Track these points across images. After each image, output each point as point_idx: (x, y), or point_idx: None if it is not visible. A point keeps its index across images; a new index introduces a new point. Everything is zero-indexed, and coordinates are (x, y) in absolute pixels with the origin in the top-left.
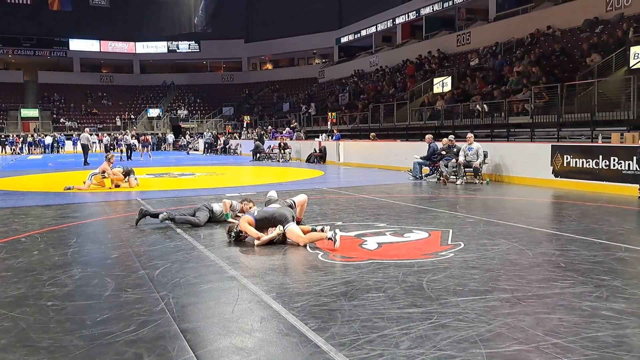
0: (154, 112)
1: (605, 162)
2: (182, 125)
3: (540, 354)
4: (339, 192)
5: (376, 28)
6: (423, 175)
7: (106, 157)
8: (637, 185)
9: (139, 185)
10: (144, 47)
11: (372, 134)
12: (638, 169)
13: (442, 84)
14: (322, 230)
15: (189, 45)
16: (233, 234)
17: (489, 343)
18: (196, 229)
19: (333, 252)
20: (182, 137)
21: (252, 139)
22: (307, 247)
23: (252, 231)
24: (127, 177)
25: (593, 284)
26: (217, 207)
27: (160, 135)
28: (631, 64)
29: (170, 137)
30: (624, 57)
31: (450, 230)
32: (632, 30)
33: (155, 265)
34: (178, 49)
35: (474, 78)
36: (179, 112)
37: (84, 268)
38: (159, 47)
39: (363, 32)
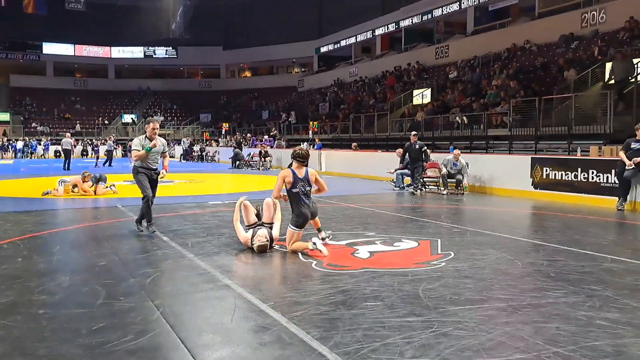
0: (128, 118)
1: (584, 175)
2: (158, 132)
3: None
4: (325, 201)
5: (356, 39)
6: (405, 185)
7: (83, 173)
8: (616, 198)
9: (116, 192)
10: (119, 52)
11: (354, 144)
12: (616, 182)
13: (422, 96)
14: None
15: (166, 51)
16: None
17: (491, 352)
18: (183, 236)
19: (327, 261)
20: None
21: (230, 146)
22: (300, 256)
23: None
24: (97, 184)
25: (585, 294)
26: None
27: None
28: (606, 79)
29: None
30: (599, 72)
31: (439, 240)
32: (607, 47)
33: (146, 274)
34: (155, 54)
35: (453, 90)
36: (155, 118)
37: (72, 276)
38: (135, 52)
39: (343, 43)
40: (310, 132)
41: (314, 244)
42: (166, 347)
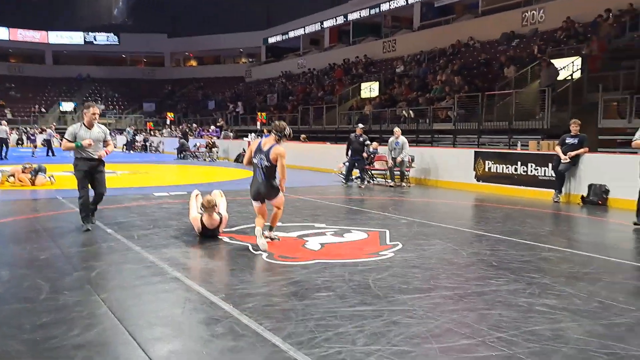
0: (67, 106)
1: (524, 168)
2: (99, 121)
3: (487, 347)
4: None
5: (304, 30)
6: (353, 177)
7: (24, 165)
8: (552, 190)
9: (54, 183)
10: (57, 37)
11: (302, 135)
12: (553, 174)
13: (370, 89)
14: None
15: (108, 37)
16: None
17: (439, 338)
18: (129, 229)
19: (278, 252)
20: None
21: (175, 136)
22: (251, 248)
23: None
24: (36, 176)
25: (525, 282)
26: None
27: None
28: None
29: None
30: (538, 70)
31: (387, 231)
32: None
33: (91, 267)
34: (95, 40)
35: (400, 84)
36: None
37: (12, 270)
38: (74, 37)
39: (291, 34)
40: (258, 123)
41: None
42: (115, 342)
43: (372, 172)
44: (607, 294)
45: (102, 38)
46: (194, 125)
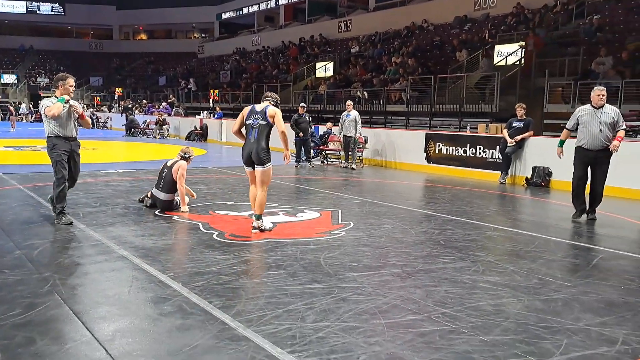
0: (9, 78)
1: (472, 151)
2: (43, 95)
3: (432, 322)
4: (225, 172)
5: (259, 7)
6: (305, 157)
7: None
8: (499, 172)
9: None
10: None
11: None
12: (499, 157)
13: (325, 69)
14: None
15: (52, 7)
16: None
17: (387, 314)
18: (74, 206)
19: (229, 231)
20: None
21: (124, 112)
22: (201, 227)
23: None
24: None
25: (470, 260)
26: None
27: (12, 104)
28: (495, 61)
29: (25, 107)
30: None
31: (340, 211)
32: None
33: (33, 245)
34: (39, 10)
35: (355, 65)
36: (38, 79)
37: None
38: (16, 6)
39: (245, 10)
40: (211, 100)
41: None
42: (58, 320)
43: (326, 152)
44: (546, 271)
45: (46, 8)
46: (144, 101)
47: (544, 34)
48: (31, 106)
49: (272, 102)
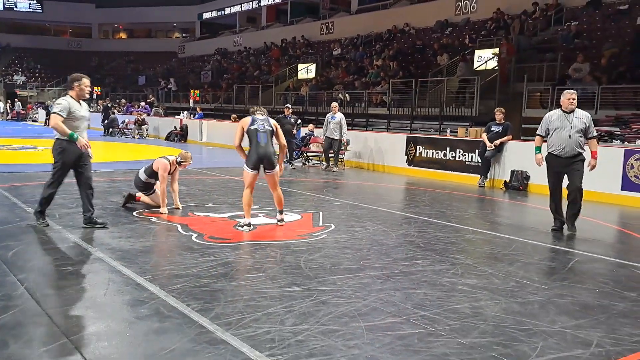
0: None
1: (452, 154)
2: (19, 93)
3: (411, 325)
4: (205, 173)
5: (241, 7)
6: (288, 159)
7: None
8: (478, 176)
9: None
10: None
11: (233, 115)
12: (479, 161)
13: (307, 71)
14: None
15: (30, 4)
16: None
17: (366, 317)
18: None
19: (208, 233)
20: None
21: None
22: (180, 229)
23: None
24: None
25: (449, 262)
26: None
27: None
28: (475, 66)
29: (1, 106)
30: (468, 58)
31: (321, 213)
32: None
33: (8, 247)
34: (16, 7)
35: (337, 67)
36: (15, 77)
37: None
38: None
39: (227, 10)
40: (191, 100)
41: (241, 226)
42: (32, 323)
43: (308, 154)
44: (523, 274)
45: (24, 5)
46: (122, 100)
47: (519, 40)
48: (8, 105)
49: (266, 114)
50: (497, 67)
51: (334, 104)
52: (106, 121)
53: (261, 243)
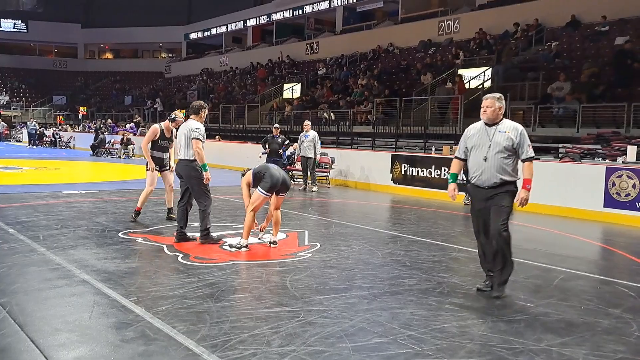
0: None
1: (437, 172)
2: (3, 113)
3: (398, 345)
4: None
5: (227, 28)
6: None
7: None
8: (463, 194)
9: None
10: None
11: (217, 136)
12: (464, 179)
13: (292, 90)
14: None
15: (14, 24)
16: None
17: (353, 337)
18: (33, 229)
19: (193, 254)
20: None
21: (89, 131)
22: (166, 249)
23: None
24: None
25: (435, 281)
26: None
27: None
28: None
29: None
30: (453, 77)
31: (306, 232)
32: (461, 53)
33: None
34: (0, 26)
35: (322, 86)
36: None
37: None
38: None
39: (213, 31)
40: None
41: (239, 247)
42: (14, 349)
43: (293, 172)
44: (509, 292)
45: (8, 25)
46: (108, 120)
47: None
48: None
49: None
50: (480, 86)
51: (306, 122)
52: (94, 142)
53: (247, 263)
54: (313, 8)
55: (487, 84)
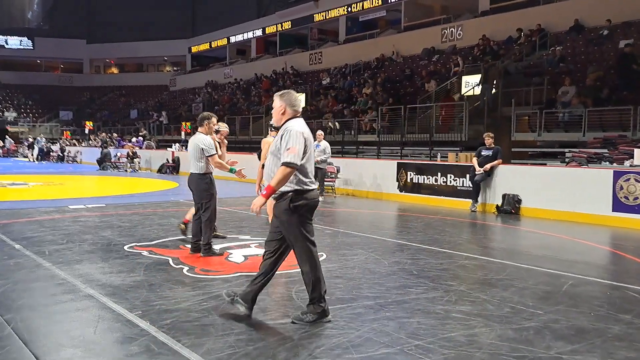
0: None
1: (443, 179)
2: (10, 129)
3: (405, 355)
4: None
5: (230, 40)
6: None
7: None
8: (470, 200)
9: None
10: None
11: None
12: (470, 186)
13: None
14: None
15: (21, 41)
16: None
17: (359, 348)
18: (39, 244)
19: (199, 266)
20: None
21: (95, 146)
22: (171, 262)
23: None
24: None
25: (443, 289)
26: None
27: None
28: (463, 91)
29: None
30: (457, 84)
31: None
32: (463, 61)
33: None
34: (7, 44)
35: (326, 96)
36: (6, 113)
37: None
38: None
39: (217, 43)
40: (183, 132)
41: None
42: None
43: None
44: (518, 299)
45: (15, 42)
46: (114, 134)
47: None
48: None
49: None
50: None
51: (319, 132)
52: (99, 156)
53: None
54: (316, 18)
55: (492, 90)
